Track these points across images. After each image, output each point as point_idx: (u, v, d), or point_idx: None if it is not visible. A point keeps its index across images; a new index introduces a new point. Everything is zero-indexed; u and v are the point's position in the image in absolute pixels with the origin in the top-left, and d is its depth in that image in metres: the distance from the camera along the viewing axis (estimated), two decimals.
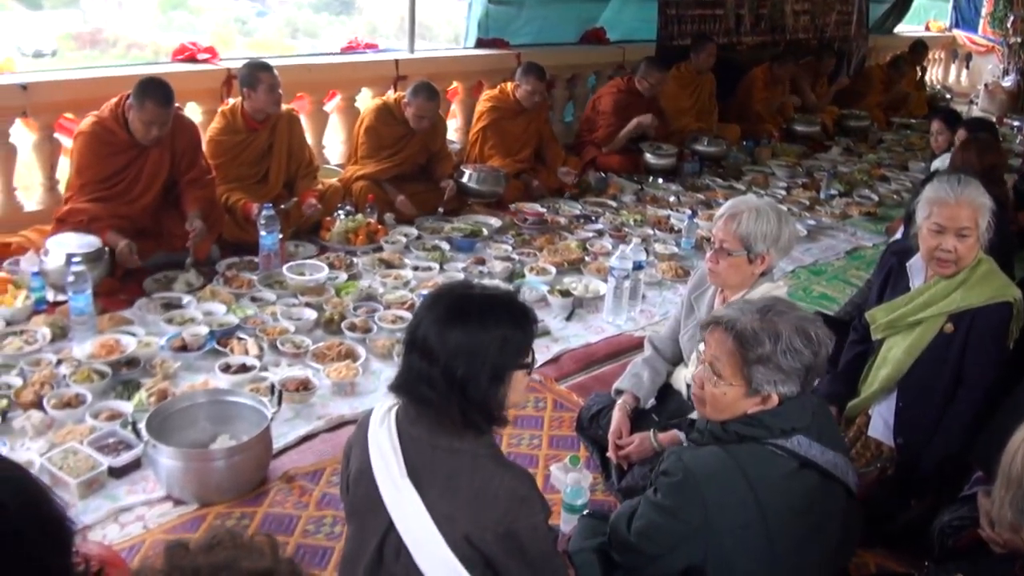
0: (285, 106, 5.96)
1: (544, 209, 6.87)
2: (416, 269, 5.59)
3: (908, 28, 13.62)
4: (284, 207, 5.72)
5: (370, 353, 4.54)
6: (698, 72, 8.81)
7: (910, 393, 3.38)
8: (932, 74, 13.46)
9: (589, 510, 3.16)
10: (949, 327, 3.29)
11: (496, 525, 2.11)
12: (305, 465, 3.68)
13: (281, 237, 5.44)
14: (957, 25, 14.29)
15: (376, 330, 4.72)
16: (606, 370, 4.65)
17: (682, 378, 3.59)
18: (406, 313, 4.83)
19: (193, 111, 6.12)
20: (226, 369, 4.19)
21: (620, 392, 3.61)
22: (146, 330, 4.55)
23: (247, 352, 4.35)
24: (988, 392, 3.24)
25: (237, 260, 5.49)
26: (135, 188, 5.19)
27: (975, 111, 12.32)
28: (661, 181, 7.92)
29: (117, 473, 3.46)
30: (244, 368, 4.22)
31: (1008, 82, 13.24)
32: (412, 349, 2.19)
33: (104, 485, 3.42)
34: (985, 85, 13.17)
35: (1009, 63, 13.58)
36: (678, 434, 3.21)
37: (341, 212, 6.04)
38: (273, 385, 3.86)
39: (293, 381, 4.12)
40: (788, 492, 2.38)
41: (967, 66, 14.46)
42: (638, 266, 5.20)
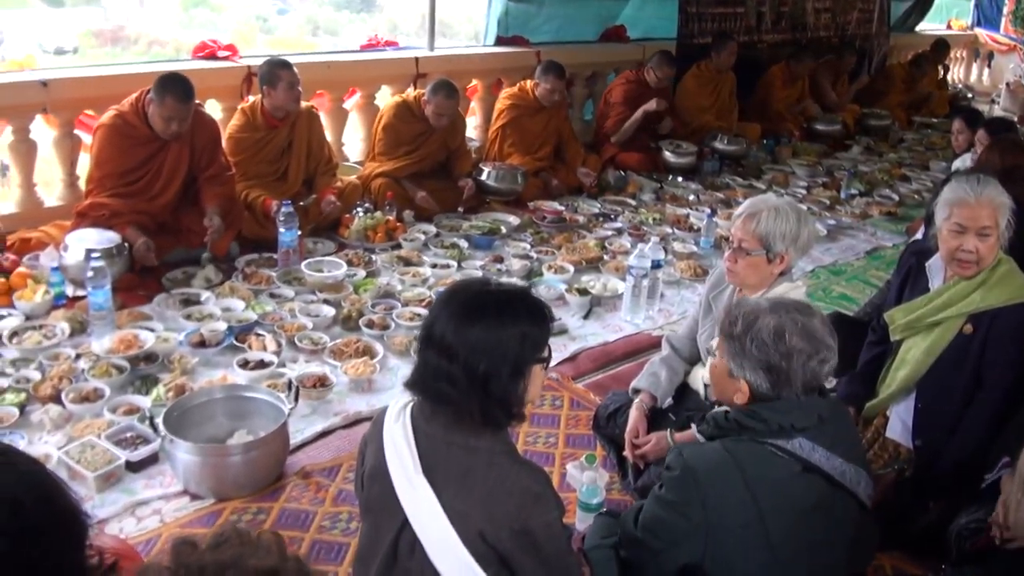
0: (305, 103, 5.97)
1: (563, 207, 6.86)
2: (434, 267, 5.59)
3: (930, 26, 13.54)
4: (303, 204, 5.74)
5: (387, 350, 4.54)
6: (718, 70, 8.78)
7: (929, 394, 3.35)
8: (953, 73, 13.36)
9: (605, 509, 3.15)
10: (968, 328, 3.26)
11: (510, 522, 2.11)
12: (322, 461, 3.69)
13: (300, 234, 5.46)
14: (979, 23, 14.20)
15: (394, 327, 4.73)
16: (623, 369, 4.64)
17: (699, 377, 3.57)
18: (424, 310, 4.83)
19: (213, 108, 6.13)
20: (244, 365, 4.21)
21: (637, 391, 3.59)
22: (164, 325, 4.57)
23: (265, 348, 4.36)
24: (1007, 393, 3.21)
25: (256, 256, 5.51)
26: (156, 184, 5.21)
27: (996, 110, 12.23)
28: (681, 180, 7.91)
29: (134, 467, 3.48)
30: (262, 364, 4.22)
31: None
32: (429, 346, 2.19)
33: (121, 479, 3.43)
34: (1007, 84, 13.07)
35: None
36: (695, 434, 3.20)
37: (360, 209, 6.05)
38: (290, 381, 3.86)
39: (310, 377, 4.12)
40: (788, 495, 2.35)
41: (989, 65, 14.36)
42: (656, 265, 5.19)
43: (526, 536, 2.12)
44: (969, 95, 12.69)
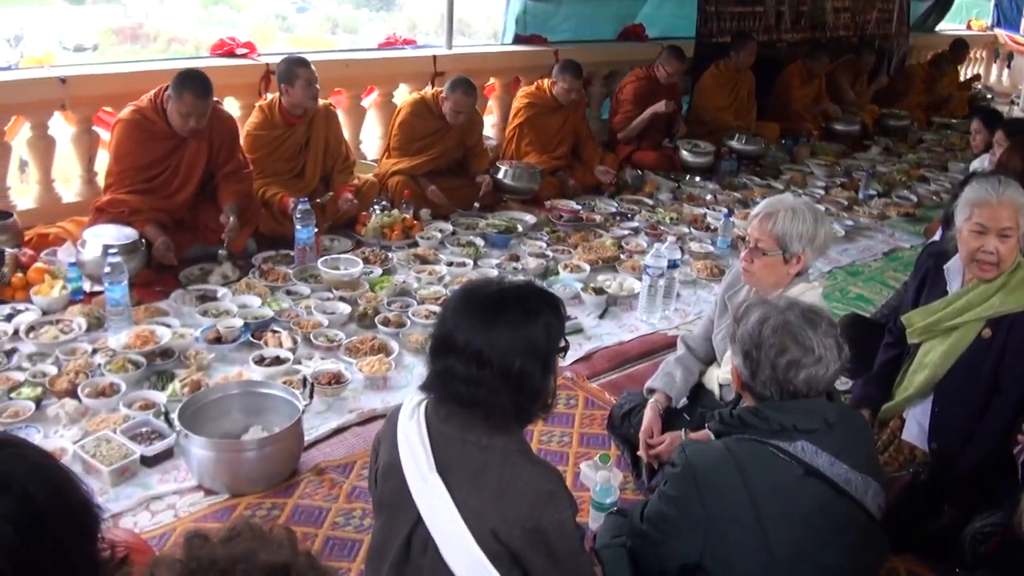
0: (323, 101, 5.98)
1: (579, 206, 6.85)
2: (450, 265, 5.59)
3: (949, 26, 13.46)
4: (320, 201, 5.75)
5: (403, 348, 4.54)
6: (737, 69, 8.73)
7: (946, 398, 3.32)
8: (970, 73, 13.27)
9: (617, 508, 3.14)
10: (987, 332, 3.23)
11: (523, 521, 2.10)
12: (336, 458, 3.69)
13: (317, 231, 5.47)
14: (999, 24, 14.08)
15: (409, 325, 4.73)
16: (639, 368, 4.63)
17: (715, 378, 3.57)
18: (439, 308, 4.82)
19: (231, 105, 6.15)
20: (260, 361, 4.22)
21: (652, 391, 3.58)
22: (181, 322, 4.59)
23: (281, 345, 4.37)
24: None
25: (273, 253, 5.53)
26: (174, 181, 5.24)
27: (1016, 111, 12.14)
28: (698, 179, 7.89)
29: (149, 462, 3.49)
30: (278, 361, 4.24)
31: None
32: (450, 354, 2.16)
33: (136, 473, 3.45)
34: None
35: None
36: (709, 434, 3.18)
37: (377, 207, 6.06)
38: (306, 378, 3.87)
39: (326, 374, 4.13)
40: (788, 498, 2.33)
41: (1008, 66, 14.25)
42: (673, 264, 5.18)
43: (538, 535, 2.11)
44: (988, 96, 12.59)
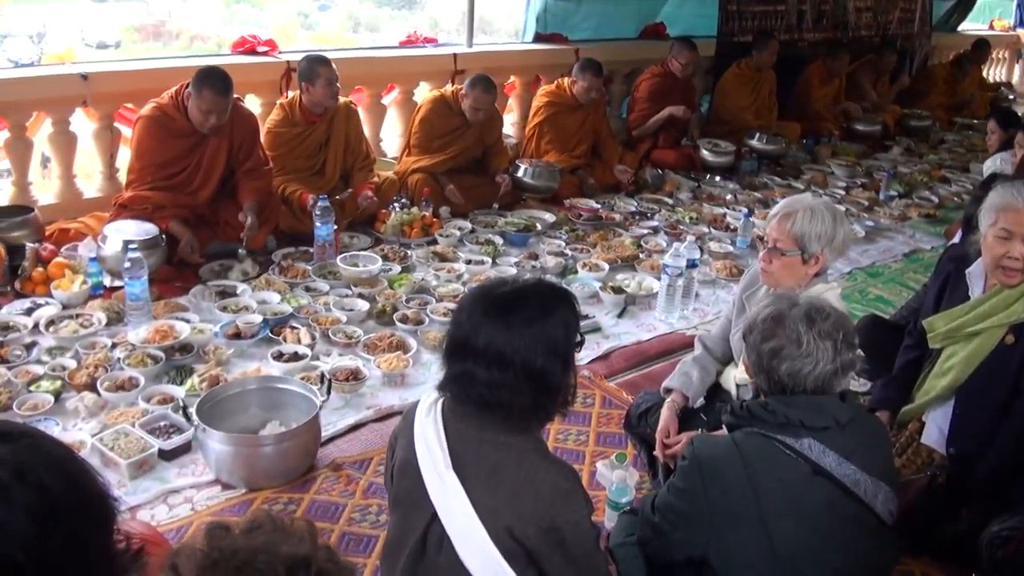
0: (343, 99, 5.99)
1: (599, 205, 6.85)
2: (469, 263, 5.60)
3: (972, 26, 13.38)
4: (339, 198, 5.76)
5: (421, 345, 4.54)
6: (758, 69, 8.71)
7: (967, 403, 3.28)
8: (994, 73, 13.18)
9: (631, 507, 3.14)
10: (1010, 338, 3.18)
11: (538, 519, 2.10)
12: (353, 454, 3.70)
13: (336, 228, 5.49)
14: (1021, 24, 13.97)
15: (428, 322, 4.73)
16: (656, 368, 4.61)
17: (732, 378, 3.55)
18: (454, 309, 4.82)
19: (252, 103, 6.17)
20: (278, 357, 4.23)
21: (669, 391, 3.57)
22: (200, 317, 4.61)
23: (299, 341, 4.38)
24: None
25: (292, 250, 5.56)
26: (195, 179, 5.26)
27: None
28: (718, 179, 7.87)
29: (167, 456, 3.51)
30: (296, 357, 4.25)
31: None
32: (468, 356, 2.16)
33: (154, 467, 3.47)
34: None
35: None
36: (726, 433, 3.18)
37: (396, 205, 6.07)
38: (323, 374, 3.89)
39: (344, 371, 4.14)
40: (792, 496, 2.32)
41: None
42: (692, 264, 5.16)
43: (554, 533, 2.11)
44: (1010, 96, 12.50)
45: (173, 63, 6.39)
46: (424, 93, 7.07)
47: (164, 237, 4.92)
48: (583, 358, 4.55)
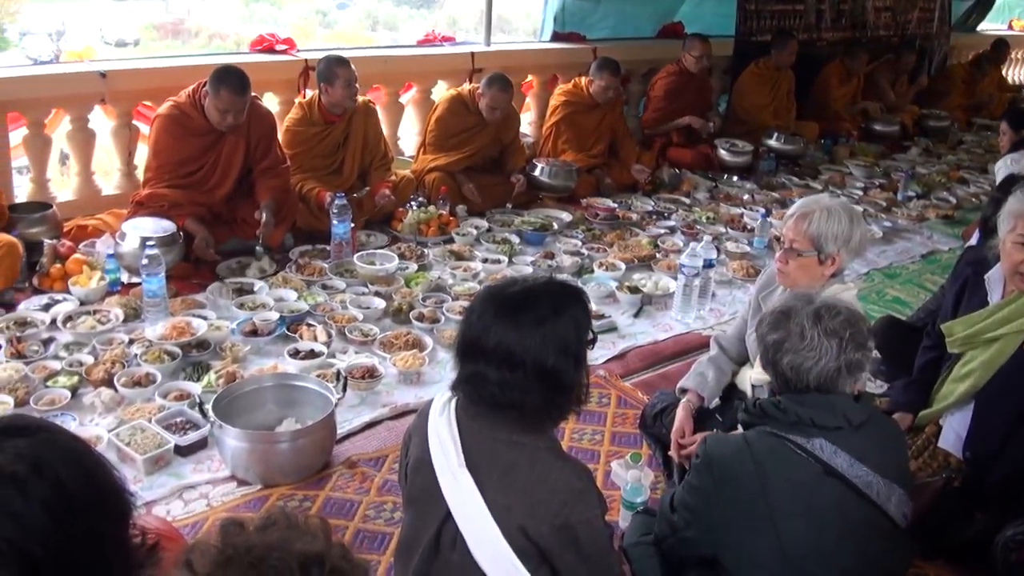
0: (362, 97, 6.00)
1: (616, 204, 6.84)
2: (485, 261, 5.60)
3: (991, 26, 13.30)
4: (356, 196, 5.77)
5: (437, 343, 4.55)
6: (777, 68, 8.68)
7: (985, 408, 3.26)
8: (1013, 74, 13.09)
9: (645, 507, 3.13)
10: None
11: (552, 518, 2.10)
12: (368, 451, 3.71)
13: (353, 226, 5.50)
14: None
15: (444, 321, 4.74)
16: (672, 368, 4.60)
17: (747, 378, 3.53)
18: (465, 309, 4.83)
19: (270, 101, 6.19)
20: (294, 354, 4.24)
21: (684, 391, 3.56)
22: (217, 314, 4.64)
23: (316, 339, 4.39)
24: None
25: (310, 248, 5.58)
26: (213, 176, 5.28)
27: None
28: (736, 179, 7.85)
29: (183, 452, 3.53)
30: (312, 354, 4.26)
31: None
32: (479, 357, 2.16)
33: (170, 463, 3.49)
34: None
35: None
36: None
37: (413, 203, 6.08)
38: (339, 372, 3.89)
39: (359, 368, 4.15)
40: (803, 496, 2.31)
41: None
42: (709, 264, 5.15)
43: (567, 532, 2.11)
44: None
45: (191, 61, 6.42)
46: (442, 92, 7.08)
47: (182, 234, 4.95)
48: (599, 357, 4.55)
